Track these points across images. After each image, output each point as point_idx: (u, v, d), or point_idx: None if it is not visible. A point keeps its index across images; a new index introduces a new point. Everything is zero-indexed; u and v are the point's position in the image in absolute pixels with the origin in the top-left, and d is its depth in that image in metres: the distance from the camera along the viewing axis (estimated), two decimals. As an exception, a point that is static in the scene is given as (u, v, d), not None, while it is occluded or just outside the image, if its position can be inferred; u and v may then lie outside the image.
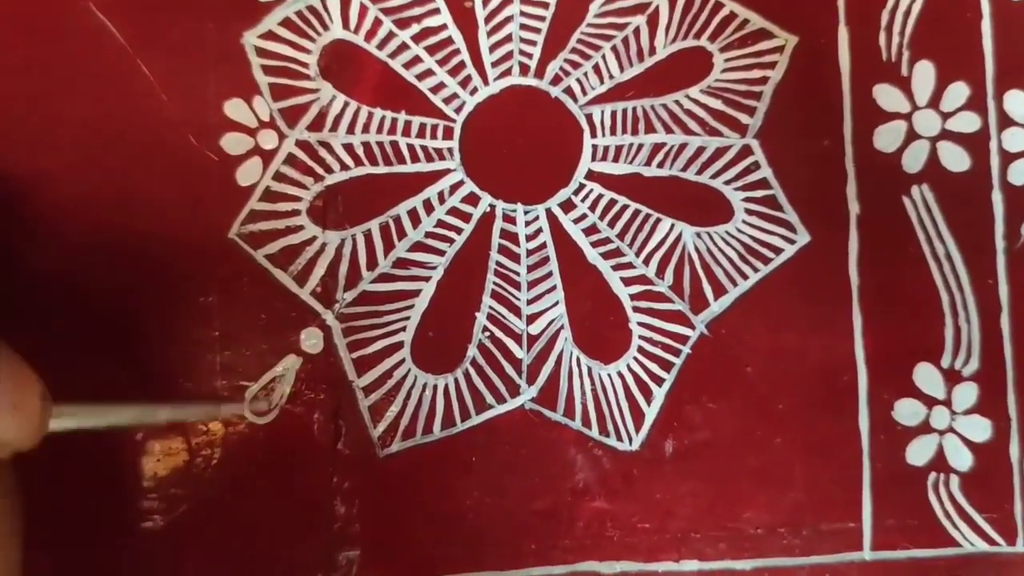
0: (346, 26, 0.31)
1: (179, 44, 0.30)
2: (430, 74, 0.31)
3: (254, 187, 0.30)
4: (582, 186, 0.31)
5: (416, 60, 0.31)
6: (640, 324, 0.30)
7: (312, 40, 0.30)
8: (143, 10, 0.30)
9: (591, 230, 0.31)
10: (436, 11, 0.31)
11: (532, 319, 0.30)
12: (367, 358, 0.30)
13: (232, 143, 0.30)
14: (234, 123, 0.30)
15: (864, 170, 0.31)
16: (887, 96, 0.32)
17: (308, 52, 0.30)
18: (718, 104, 0.31)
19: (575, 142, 0.31)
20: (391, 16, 0.31)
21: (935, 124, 0.32)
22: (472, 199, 0.31)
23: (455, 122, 0.31)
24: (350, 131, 0.30)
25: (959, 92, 0.32)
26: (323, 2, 0.31)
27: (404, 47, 0.31)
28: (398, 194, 0.30)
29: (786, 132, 0.31)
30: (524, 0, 0.31)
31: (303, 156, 0.30)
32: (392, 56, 0.31)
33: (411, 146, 0.31)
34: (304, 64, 0.30)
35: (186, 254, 0.29)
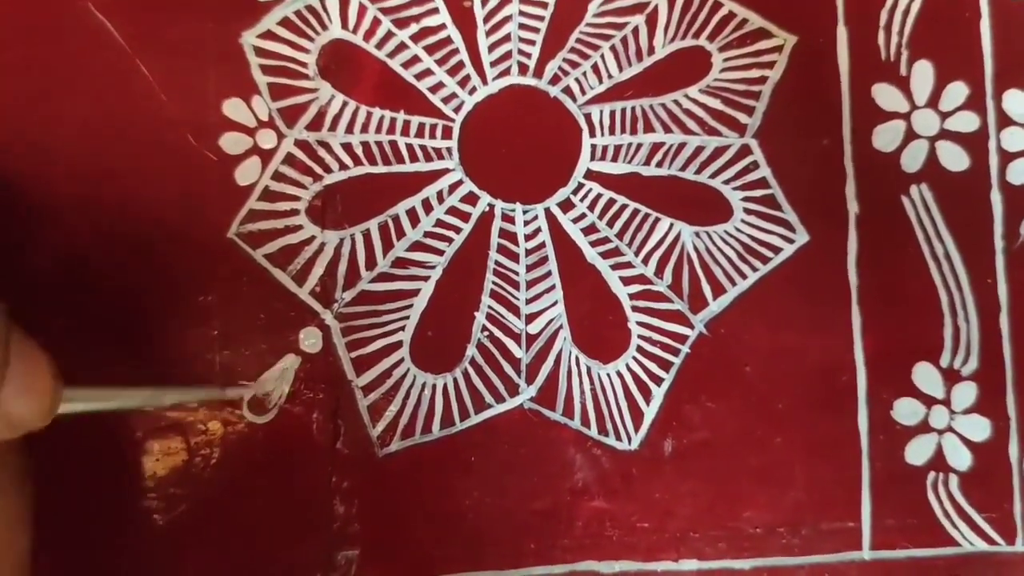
0: (345, 26, 0.31)
1: (178, 44, 0.30)
2: (429, 74, 0.31)
3: (253, 187, 0.30)
4: (581, 185, 0.31)
5: (415, 60, 0.31)
6: (639, 324, 0.30)
7: (311, 40, 0.30)
8: (142, 10, 0.30)
9: (590, 229, 0.31)
10: (435, 10, 0.31)
11: (531, 318, 0.30)
12: (366, 357, 0.30)
13: (231, 143, 0.30)
14: (233, 123, 0.30)
15: (863, 170, 0.31)
16: (886, 95, 0.31)
17: (307, 52, 0.30)
18: (717, 104, 0.31)
19: (574, 142, 0.31)
20: (390, 16, 0.31)
21: (934, 124, 0.32)
22: (471, 199, 0.31)
23: (454, 122, 0.31)
24: (349, 131, 0.30)
25: (958, 92, 0.32)
26: (322, 2, 0.31)
27: (403, 47, 0.31)
28: (397, 194, 0.30)
29: (785, 131, 0.31)
30: (523, 0, 0.31)
31: (302, 156, 0.30)
32: (391, 56, 0.31)
33: (410, 146, 0.31)
34: (303, 64, 0.30)
35: (185, 254, 0.29)
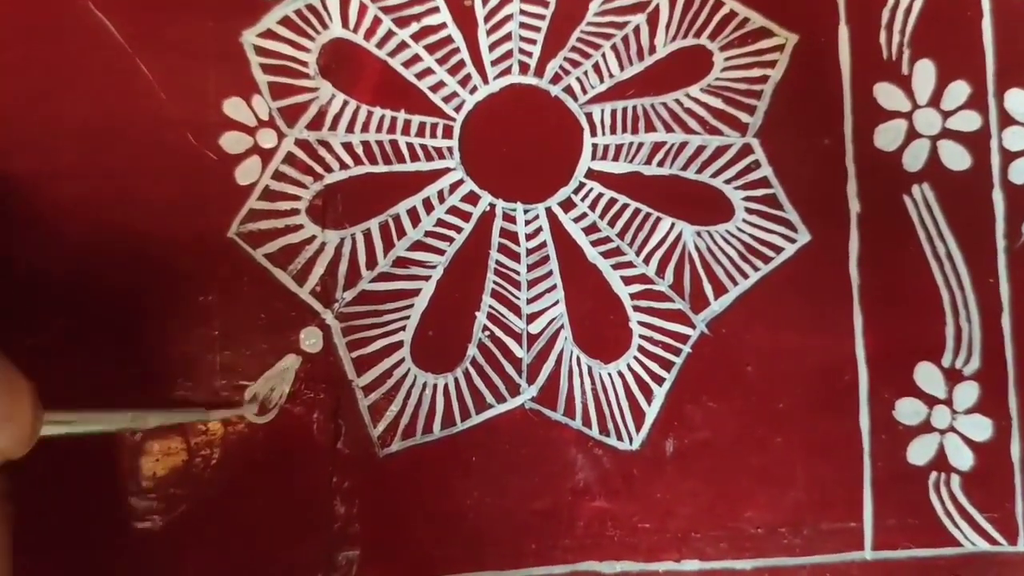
0: (345, 25, 0.31)
1: (178, 43, 0.30)
2: (430, 73, 0.31)
3: (253, 186, 0.30)
4: (582, 185, 0.31)
5: (416, 59, 0.31)
6: (640, 323, 0.30)
7: (311, 39, 0.30)
8: (142, 9, 0.30)
9: (591, 229, 0.31)
10: (436, 9, 0.31)
11: (532, 318, 0.30)
12: (367, 357, 0.30)
13: (231, 142, 0.30)
14: (233, 122, 0.30)
15: (864, 169, 0.31)
16: (887, 95, 0.31)
17: (307, 51, 0.30)
18: (718, 103, 0.31)
19: (575, 141, 0.31)
20: (390, 15, 0.31)
21: (935, 123, 0.32)
22: (472, 198, 0.31)
23: (455, 121, 0.31)
24: (349, 130, 0.30)
25: (959, 91, 0.32)
26: (322, 1, 0.30)
27: (403, 46, 0.31)
28: (398, 193, 0.30)
29: (786, 131, 0.31)
30: (524, -1, 0.31)
31: (302, 155, 0.30)
32: (391, 55, 0.31)
33: (411, 145, 0.31)
34: (303, 63, 0.30)
35: (185, 253, 0.29)
